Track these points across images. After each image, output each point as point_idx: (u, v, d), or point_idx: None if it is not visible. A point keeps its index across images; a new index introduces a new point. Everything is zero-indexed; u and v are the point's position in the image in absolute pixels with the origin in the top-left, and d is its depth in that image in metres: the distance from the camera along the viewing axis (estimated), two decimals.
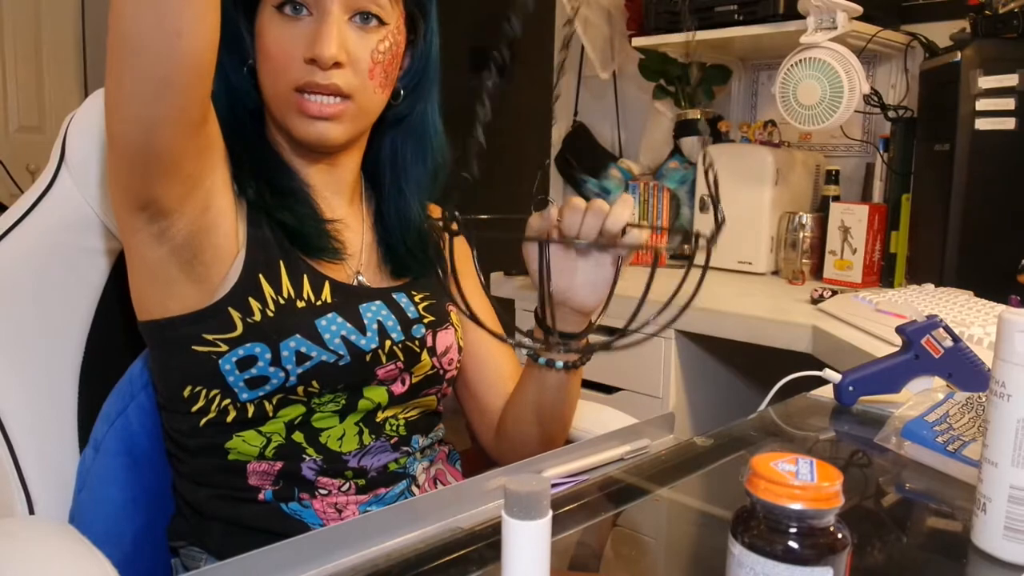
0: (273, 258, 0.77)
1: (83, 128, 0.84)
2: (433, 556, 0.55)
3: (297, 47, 0.75)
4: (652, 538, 0.58)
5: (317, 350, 0.74)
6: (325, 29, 0.74)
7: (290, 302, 0.75)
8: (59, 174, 0.84)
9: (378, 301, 0.81)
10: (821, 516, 0.38)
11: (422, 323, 0.83)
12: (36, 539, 0.63)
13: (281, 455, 0.75)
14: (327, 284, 0.78)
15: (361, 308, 0.79)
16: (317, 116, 0.76)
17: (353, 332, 0.77)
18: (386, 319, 0.80)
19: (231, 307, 0.74)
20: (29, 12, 2.87)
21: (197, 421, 0.75)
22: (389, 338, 0.79)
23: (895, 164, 1.69)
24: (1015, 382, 0.51)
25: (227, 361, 0.73)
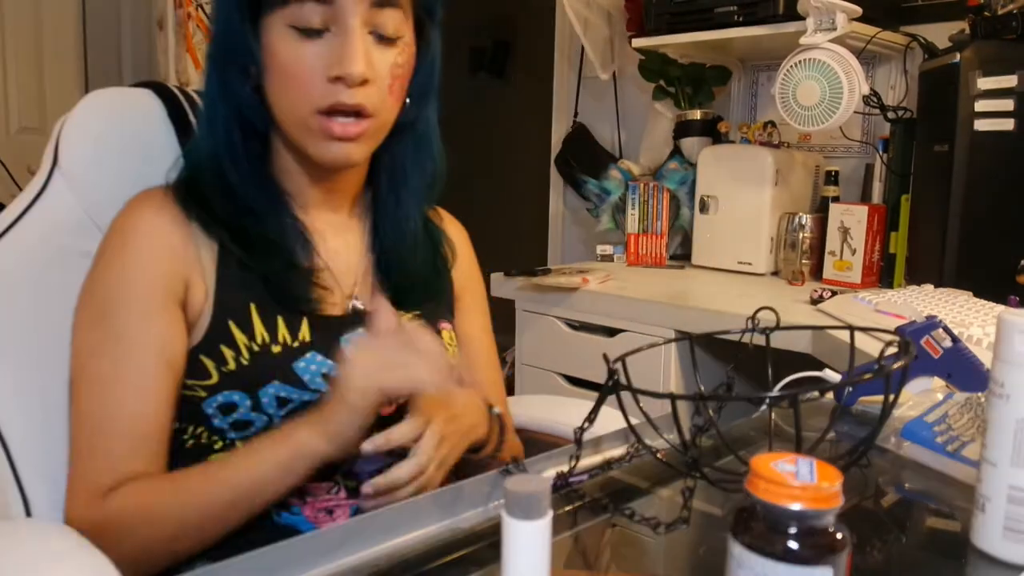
0: (244, 302, 0.75)
1: (76, 131, 0.85)
2: (433, 556, 0.55)
3: (318, 65, 0.71)
4: (652, 538, 0.58)
5: (298, 393, 0.73)
6: (352, 46, 0.71)
7: (264, 348, 0.73)
8: (52, 177, 0.84)
9: (361, 329, 0.78)
10: (821, 516, 0.38)
11: None
12: (35, 540, 0.63)
13: None
14: (304, 322, 0.76)
15: (343, 341, 0.77)
16: (341, 137, 0.73)
17: (334, 368, 0.75)
18: None
19: (204, 356, 0.73)
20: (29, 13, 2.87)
21: (184, 443, 0.75)
22: None
23: (894, 165, 1.69)
24: (1014, 382, 0.52)
25: (209, 406, 0.73)
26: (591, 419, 0.65)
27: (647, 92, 2.16)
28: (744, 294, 1.60)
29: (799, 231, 1.77)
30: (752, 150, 1.83)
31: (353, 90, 0.72)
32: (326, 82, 0.72)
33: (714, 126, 2.01)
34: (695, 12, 1.80)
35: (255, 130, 0.78)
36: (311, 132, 0.74)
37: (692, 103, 2.06)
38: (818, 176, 1.91)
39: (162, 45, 2.77)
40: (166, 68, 2.75)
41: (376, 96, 0.74)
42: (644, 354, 0.73)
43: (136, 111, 0.90)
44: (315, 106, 0.72)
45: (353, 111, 0.73)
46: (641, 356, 0.70)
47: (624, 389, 0.62)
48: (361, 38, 0.72)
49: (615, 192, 2.09)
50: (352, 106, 0.72)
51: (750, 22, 1.72)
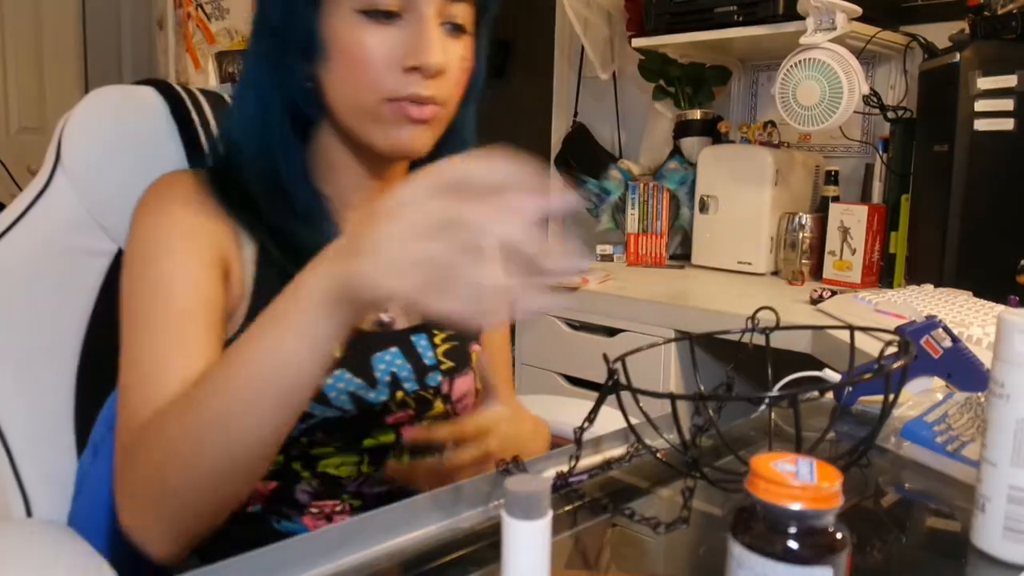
0: None
1: (79, 129, 0.84)
2: (433, 556, 0.55)
3: (392, 54, 0.68)
4: (652, 538, 0.58)
5: (320, 408, 0.71)
6: (428, 35, 0.67)
7: None
8: (55, 175, 0.84)
9: (393, 348, 0.75)
10: (821, 516, 0.38)
11: (439, 370, 0.78)
12: (35, 541, 0.63)
13: (275, 476, 0.73)
14: None
15: (373, 360, 0.74)
16: (415, 119, 0.69)
17: (362, 387, 0.72)
18: (400, 369, 0.75)
19: None
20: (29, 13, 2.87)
21: None
22: (401, 389, 0.75)
23: (894, 165, 1.69)
24: (1014, 382, 0.52)
25: None
26: (591, 419, 0.65)
27: (647, 92, 2.16)
28: (744, 294, 1.60)
29: (799, 231, 1.77)
30: (752, 150, 1.83)
31: (427, 81, 0.68)
32: (399, 72, 0.68)
33: (714, 126, 2.01)
34: (695, 12, 1.80)
35: (299, 124, 0.74)
36: (378, 120, 0.70)
37: (692, 103, 2.06)
38: (818, 176, 1.91)
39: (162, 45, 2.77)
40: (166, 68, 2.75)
41: (446, 89, 0.71)
42: (644, 354, 0.73)
43: (139, 109, 0.89)
44: (385, 96, 0.68)
45: (425, 102, 0.69)
46: (641, 356, 0.70)
47: (624, 389, 0.62)
48: (436, 27, 0.68)
49: (615, 192, 2.09)
50: (426, 98, 0.69)
51: (750, 22, 1.72)
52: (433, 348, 0.79)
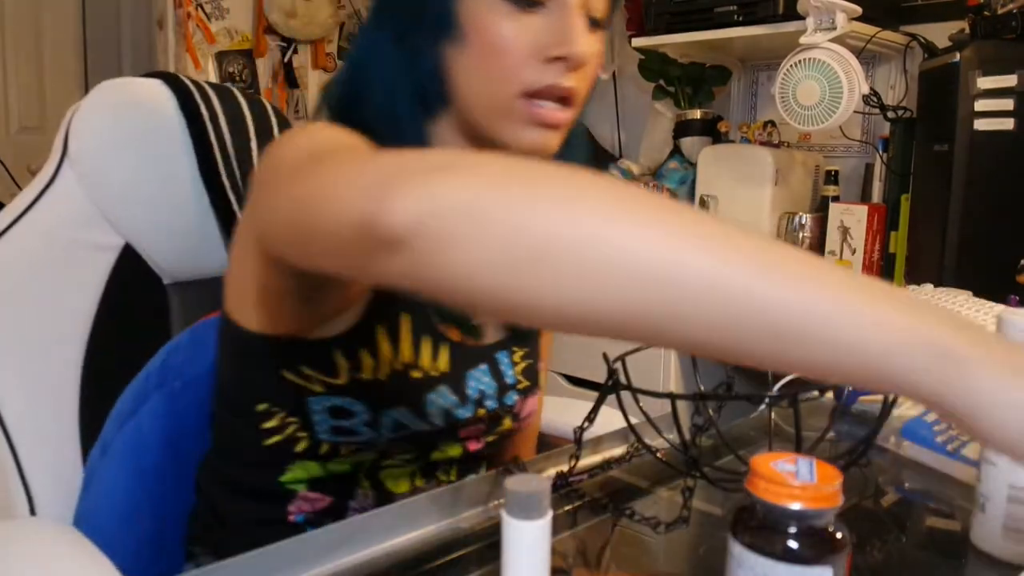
0: (397, 312, 0.68)
1: (86, 121, 0.83)
2: (433, 556, 0.55)
3: (536, 43, 0.63)
4: (652, 538, 0.58)
5: (418, 423, 0.69)
6: (574, 24, 0.63)
7: (405, 371, 0.67)
8: (61, 168, 0.82)
9: (483, 365, 0.74)
10: (821, 516, 0.38)
11: (516, 389, 0.77)
12: (39, 541, 0.63)
13: (336, 491, 0.71)
14: (446, 348, 0.70)
15: (468, 377, 0.72)
16: (548, 124, 0.65)
17: (455, 404, 0.71)
18: (487, 387, 0.74)
19: (340, 352, 0.65)
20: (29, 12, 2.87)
21: (263, 438, 0.69)
22: (483, 407, 0.74)
23: (894, 164, 1.69)
24: None
25: (319, 403, 0.66)
26: (591, 419, 0.65)
27: (647, 92, 2.16)
28: None
29: (799, 231, 1.77)
30: (752, 150, 1.83)
31: (570, 73, 0.64)
32: (541, 62, 0.63)
33: (714, 126, 2.01)
34: (695, 12, 1.80)
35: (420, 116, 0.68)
36: (510, 116, 0.64)
37: (692, 103, 2.06)
38: (818, 176, 1.91)
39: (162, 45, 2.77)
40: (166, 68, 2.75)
41: (585, 83, 0.66)
42: (644, 354, 0.73)
43: (147, 102, 0.88)
44: (523, 87, 0.64)
45: (564, 95, 0.65)
46: (641, 356, 0.70)
47: (624, 389, 0.62)
48: (580, 17, 0.64)
49: None
50: (566, 90, 0.64)
51: (750, 22, 1.72)
52: (513, 366, 0.78)
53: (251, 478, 0.73)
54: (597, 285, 0.36)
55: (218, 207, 0.88)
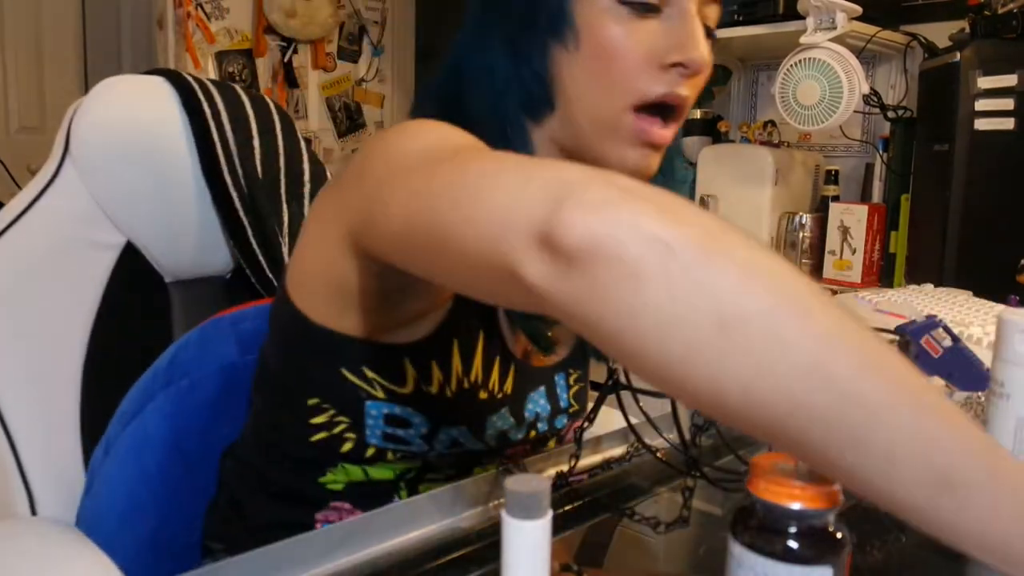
0: (474, 325, 0.65)
1: (89, 118, 0.82)
2: (433, 556, 0.55)
3: (654, 49, 0.60)
4: (652, 538, 0.58)
5: (474, 442, 0.67)
6: (695, 29, 0.60)
7: (473, 389, 0.65)
8: (63, 166, 0.82)
9: (542, 387, 0.72)
10: (821, 516, 0.38)
11: (567, 414, 0.76)
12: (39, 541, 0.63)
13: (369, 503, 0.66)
14: (512, 370, 0.68)
15: (528, 399, 0.70)
16: (654, 144, 0.62)
17: (511, 427, 0.69)
18: (543, 410, 0.72)
19: (409, 360, 0.62)
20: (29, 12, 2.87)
21: (309, 433, 0.65)
22: (535, 429, 0.73)
23: (894, 164, 1.69)
24: (1015, 382, 0.52)
25: (376, 407, 0.63)
26: (591, 419, 0.65)
27: None
28: None
29: (799, 230, 1.77)
30: (752, 149, 1.83)
31: (686, 80, 0.61)
32: (656, 68, 0.60)
33: (714, 125, 2.01)
34: None
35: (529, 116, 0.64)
36: (617, 131, 0.61)
37: None
38: (818, 175, 1.91)
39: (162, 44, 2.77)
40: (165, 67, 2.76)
41: (697, 93, 0.64)
42: None
43: (149, 98, 0.87)
44: (636, 97, 0.61)
45: (679, 104, 0.62)
46: None
47: (624, 388, 0.62)
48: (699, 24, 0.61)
49: None
50: (681, 99, 0.61)
51: (750, 21, 1.72)
52: (568, 389, 0.76)
53: (286, 476, 0.69)
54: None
55: (220, 205, 0.87)
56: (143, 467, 0.80)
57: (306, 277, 0.63)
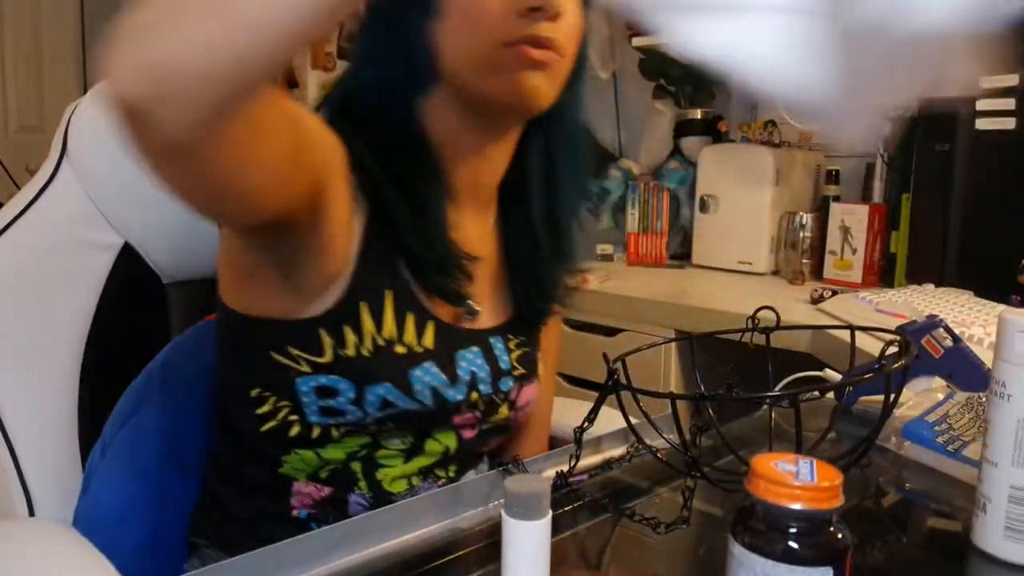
0: (381, 288, 0.69)
1: (86, 120, 0.83)
2: (433, 556, 0.55)
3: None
4: (652, 538, 0.58)
5: (404, 400, 0.69)
6: None
7: (388, 345, 0.68)
8: (60, 167, 0.82)
9: (475, 348, 0.74)
10: (821, 516, 0.38)
11: (511, 376, 0.78)
12: (38, 542, 0.63)
13: (333, 481, 0.71)
14: (431, 326, 0.71)
15: (457, 356, 0.72)
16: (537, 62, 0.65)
17: (444, 383, 0.71)
18: (479, 369, 0.74)
19: (324, 330, 0.67)
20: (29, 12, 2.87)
21: (258, 425, 0.70)
22: (477, 390, 0.74)
23: (895, 164, 1.69)
24: (1015, 382, 0.51)
25: (305, 383, 0.67)
26: (591, 419, 0.65)
27: (647, 91, 2.16)
28: (744, 294, 1.60)
29: (799, 230, 1.77)
30: (752, 149, 1.83)
31: (547, 23, 0.65)
32: (517, 16, 0.65)
33: (714, 125, 2.00)
34: None
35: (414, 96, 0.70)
36: (495, 66, 0.66)
37: (692, 102, 2.06)
38: (819, 175, 1.91)
39: None
40: None
41: (564, 34, 0.67)
42: (644, 354, 0.73)
43: None
44: (502, 39, 0.65)
45: (543, 44, 0.66)
46: (641, 356, 0.70)
47: (624, 389, 0.62)
48: None
49: (615, 191, 2.09)
50: (545, 39, 0.65)
51: None
52: (508, 353, 0.78)
53: (252, 472, 0.73)
54: None
55: None
56: (139, 466, 0.80)
57: (223, 271, 0.71)
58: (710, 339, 0.80)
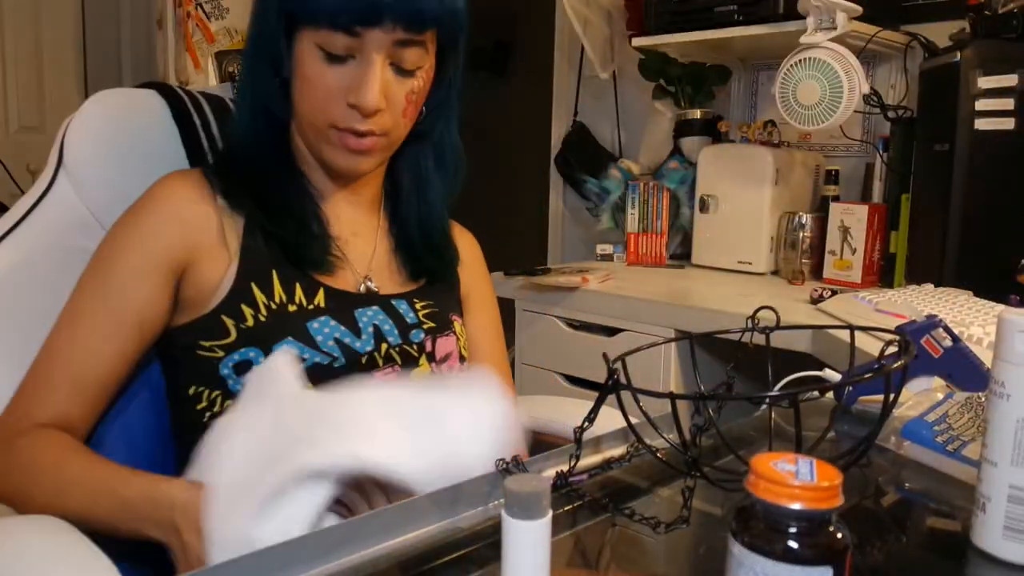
0: (266, 268, 0.79)
1: (82, 131, 0.85)
2: (433, 556, 0.55)
3: (339, 87, 0.76)
4: (652, 538, 0.58)
5: (310, 352, 0.76)
6: (370, 79, 0.75)
7: (282, 307, 0.77)
8: (57, 177, 0.84)
9: (375, 307, 0.82)
10: (821, 516, 0.38)
11: (421, 328, 0.84)
12: (38, 538, 0.63)
13: None
14: (321, 291, 0.80)
15: (356, 312, 0.80)
16: (354, 150, 0.78)
17: (347, 335, 0.78)
18: (383, 323, 0.81)
19: (224, 315, 0.77)
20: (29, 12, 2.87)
21: (201, 417, 0.77)
22: (385, 341, 0.80)
23: (895, 164, 1.69)
24: (1015, 382, 0.51)
25: (225, 366, 0.76)
26: (591, 419, 0.65)
27: (647, 91, 2.16)
28: (744, 293, 1.60)
29: (799, 230, 1.77)
30: (752, 149, 1.83)
31: (365, 118, 0.76)
32: (344, 105, 0.76)
33: (714, 125, 2.00)
34: (695, 11, 1.80)
35: (278, 119, 0.83)
36: (327, 140, 0.79)
37: (692, 102, 2.06)
38: (818, 175, 1.91)
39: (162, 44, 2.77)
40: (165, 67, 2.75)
41: (389, 122, 0.78)
42: (644, 354, 0.73)
43: (141, 111, 0.90)
44: (331, 123, 0.77)
45: (362, 135, 0.78)
46: (641, 356, 0.70)
47: (624, 389, 0.62)
48: (381, 71, 0.76)
49: (615, 191, 2.09)
50: (364, 132, 0.77)
51: (750, 21, 1.72)
52: (414, 311, 0.85)
53: None
54: None
55: None
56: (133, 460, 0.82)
57: None
58: (710, 339, 0.80)
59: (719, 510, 0.64)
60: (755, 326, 0.76)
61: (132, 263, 0.76)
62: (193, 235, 0.78)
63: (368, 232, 0.88)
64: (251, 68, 0.83)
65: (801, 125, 1.61)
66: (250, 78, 0.83)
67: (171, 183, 0.80)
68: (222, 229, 0.79)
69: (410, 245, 0.89)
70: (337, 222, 0.86)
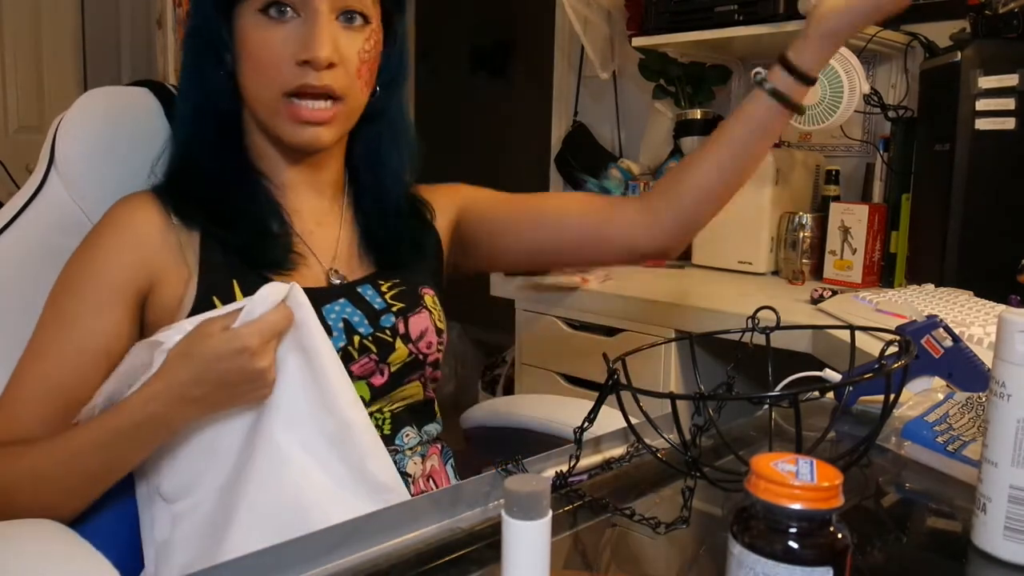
0: (227, 280, 0.78)
1: (73, 130, 0.84)
2: (433, 556, 0.55)
3: (287, 49, 0.75)
4: (652, 538, 0.58)
5: None
6: (317, 30, 0.74)
7: None
8: (48, 176, 0.84)
9: (342, 300, 0.82)
10: (821, 516, 0.38)
11: (391, 312, 0.84)
12: (36, 541, 0.63)
13: None
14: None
15: (324, 310, 0.79)
16: (309, 121, 0.77)
17: None
18: (351, 315, 0.81)
19: None
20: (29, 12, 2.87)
21: None
22: (357, 333, 0.80)
23: (895, 164, 1.69)
24: (1015, 382, 0.51)
25: None
26: (591, 419, 0.65)
27: (647, 91, 2.15)
28: (744, 293, 1.60)
29: (799, 230, 1.77)
30: None
31: (320, 72, 0.75)
32: (294, 65, 0.75)
33: (714, 125, 2.00)
34: (695, 11, 1.80)
35: (227, 116, 0.82)
36: (280, 115, 0.77)
37: (692, 102, 2.06)
38: (818, 175, 1.91)
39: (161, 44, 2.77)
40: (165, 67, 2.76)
41: (344, 78, 0.77)
42: (644, 354, 0.73)
43: (133, 110, 0.89)
44: (283, 89, 0.76)
45: (321, 93, 0.76)
46: (641, 356, 0.70)
47: (624, 389, 0.62)
48: (328, 23, 0.75)
49: (615, 191, 2.09)
50: (319, 88, 0.75)
51: (750, 21, 1.71)
52: (381, 295, 0.84)
53: None
54: None
55: None
56: None
57: None
58: (710, 339, 0.80)
59: (719, 510, 0.64)
60: (755, 326, 0.76)
61: (92, 297, 0.76)
62: (151, 259, 0.77)
63: (332, 220, 0.88)
64: (193, 65, 0.81)
65: (801, 125, 1.61)
66: (194, 77, 0.81)
67: (123, 210, 0.79)
68: (180, 248, 0.78)
69: (370, 230, 0.89)
70: (299, 216, 0.85)
